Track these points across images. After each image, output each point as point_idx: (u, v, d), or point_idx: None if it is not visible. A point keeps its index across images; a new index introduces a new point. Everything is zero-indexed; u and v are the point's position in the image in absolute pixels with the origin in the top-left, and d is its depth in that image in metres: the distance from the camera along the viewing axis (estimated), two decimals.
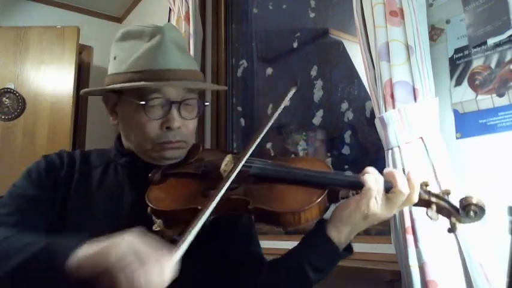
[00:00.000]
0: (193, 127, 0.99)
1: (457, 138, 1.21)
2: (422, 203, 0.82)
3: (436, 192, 0.83)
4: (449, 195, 0.82)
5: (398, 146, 1.19)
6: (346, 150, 1.79)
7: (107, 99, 1.01)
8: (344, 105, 1.83)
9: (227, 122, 2.46)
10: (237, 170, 0.79)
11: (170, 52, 0.93)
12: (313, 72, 2.01)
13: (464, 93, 1.20)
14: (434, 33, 1.30)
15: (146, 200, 0.86)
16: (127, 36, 0.98)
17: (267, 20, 2.41)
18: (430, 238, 1.09)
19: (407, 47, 1.22)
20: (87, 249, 0.67)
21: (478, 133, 1.17)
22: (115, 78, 0.95)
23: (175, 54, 0.93)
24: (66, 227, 0.92)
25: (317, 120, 1.95)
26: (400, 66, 1.21)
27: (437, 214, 0.80)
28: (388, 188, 0.79)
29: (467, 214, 0.77)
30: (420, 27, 1.24)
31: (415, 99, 1.19)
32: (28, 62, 2.98)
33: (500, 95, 1.13)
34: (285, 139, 2.16)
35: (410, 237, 1.12)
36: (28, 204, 0.91)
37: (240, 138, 2.43)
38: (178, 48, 0.95)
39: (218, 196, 0.74)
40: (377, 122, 1.27)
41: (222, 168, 0.87)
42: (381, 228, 1.52)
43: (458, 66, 1.23)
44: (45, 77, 2.96)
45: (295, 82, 0.97)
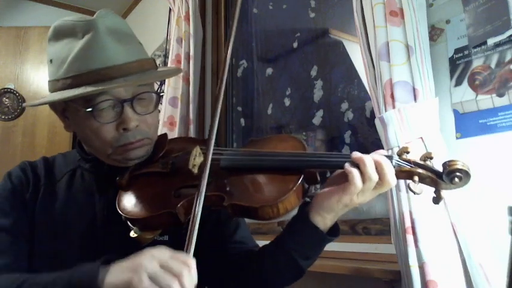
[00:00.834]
0: (153, 121, 0.92)
1: (457, 138, 1.21)
2: (404, 175, 0.76)
3: (417, 159, 0.77)
4: (431, 159, 0.77)
5: (398, 146, 1.18)
6: (346, 150, 1.79)
7: (54, 106, 0.94)
8: (344, 105, 1.83)
9: (227, 122, 2.46)
10: (207, 169, 0.74)
11: (108, 46, 0.83)
12: (313, 72, 2.01)
13: (464, 93, 1.20)
14: (434, 33, 1.30)
15: (117, 208, 0.83)
16: (59, 34, 0.88)
17: (267, 20, 2.41)
18: (430, 238, 1.09)
19: (407, 47, 1.22)
20: (112, 276, 0.66)
21: (478, 133, 1.17)
22: (55, 84, 0.88)
23: (114, 46, 0.84)
24: (38, 245, 0.90)
25: (317, 120, 1.95)
26: (400, 66, 1.21)
27: (420, 186, 0.74)
28: None
29: (451, 180, 0.72)
30: (420, 27, 1.24)
31: (415, 99, 1.19)
32: (28, 62, 2.98)
33: (500, 95, 1.13)
34: None
35: (410, 237, 1.12)
36: (6, 235, 0.88)
37: (240, 138, 2.43)
38: (116, 38, 0.85)
39: (199, 203, 0.71)
40: (377, 122, 1.27)
41: (191, 163, 0.81)
42: (381, 228, 1.52)
43: (458, 66, 1.23)
44: (45, 77, 2.95)
45: None
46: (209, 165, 0.74)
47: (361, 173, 0.74)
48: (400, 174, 0.76)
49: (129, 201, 0.85)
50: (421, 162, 0.77)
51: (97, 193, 0.94)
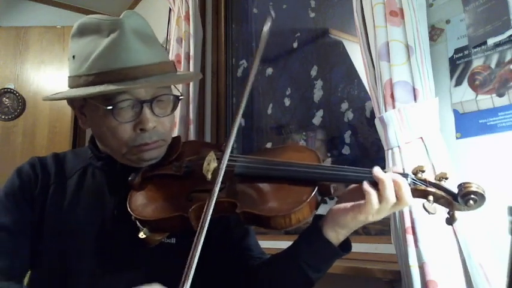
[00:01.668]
0: (169, 123, 0.92)
1: (457, 138, 1.21)
2: (419, 194, 0.76)
3: (433, 179, 0.77)
4: (446, 179, 0.77)
5: (398, 146, 1.19)
6: (346, 150, 1.79)
7: (72, 102, 0.94)
8: (344, 105, 1.82)
9: (227, 122, 2.46)
10: (221, 176, 0.74)
11: (132, 46, 0.84)
12: (313, 72, 2.01)
13: (464, 93, 1.20)
14: (434, 33, 1.30)
15: (128, 208, 0.83)
16: (84, 30, 0.89)
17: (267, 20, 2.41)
18: (430, 238, 1.09)
19: (407, 47, 1.22)
20: None
21: (478, 133, 1.17)
22: (76, 80, 0.88)
23: (138, 47, 0.85)
24: (45, 242, 0.90)
25: (317, 120, 1.95)
26: (400, 66, 1.21)
27: (434, 206, 0.74)
28: None
29: (466, 203, 0.72)
30: (420, 27, 1.24)
31: (415, 99, 1.19)
32: (28, 62, 2.98)
33: (500, 95, 1.13)
34: (285, 139, 2.15)
35: (410, 237, 1.12)
36: (8, 235, 0.88)
37: (240, 138, 2.43)
38: (141, 39, 0.86)
39: (210, 209, 0.70)
40: (377, 122, 1.27)
41: (205, 168, 0.81)
42: (381, 228, 1.52)
43: (458, 66, 1.23)
44: (45, 77, 2.96)
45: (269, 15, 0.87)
46: (224, 170, 0.74)
47: (378, 194, 0.74)
48: (415, 193, 0.76)
49: (141, 202, 0.84)
50: (437, 182, 0.77)
51: (108, 192, 0.94)
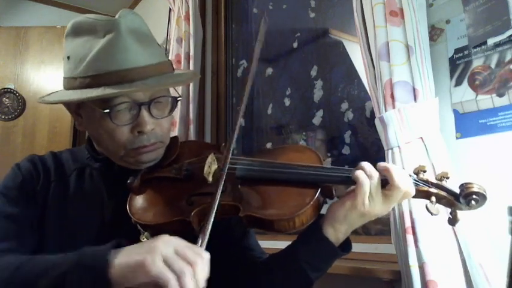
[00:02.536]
0: (167, 125, 0.91)
1: (457, 138, 1.21)
2: (421, 195, 0.77)
3: (434, 180, 0.78)
4: (447, 179, 0.78)
5: (398, 146, 1.19)
6: (346, 150, 1.79)
7: (68, 103, 0.92)
8: (344, 105, 1.82)
9: (227, 122, 2.46)
10: (223, 180, 0.74)
11: (129, 47, 0.82)
12: (313, 72, 2.01)
13: (464, 93, 1.20)
14: (434, 33, 1.30)
15: (128, 212, 0.82)
16: (79, 30, 0.86)
17: (267, 20, 2.41)
18: (430, 238, 1.09)
19: (407, 47, 1.22)
20: (124, 256, 0.66)
21: (478, 133, 1.17)
22: (71, 82, 0.86)
23: (135, 48, 0.83)
24: (46, 241, 0.89)
25: (317, 120, 1.95)
26: (400, 66, 1.21)
27: (437, 207, 0.75)
28: (384, 184, 0.76)
29: (468, 203, 0.73)
30: (420, 27, 1.24)
31: (415, 99, 1.19)
32: (28, 62, 2.98)
33: (500, 95, 1.13)
34: (285, 139, 2.15)
35: (410, 237, 1.12)
36: (13, 223, 0.87)
37: (240, 138, 2.43)
38: (137, 39, 0.84)
39: (213, 213, 0.70)
40: (377, 122, 1.27)
41: (206, 170, 0.80)
42: (381, 228, 1.52)
43: (458, 66, 1.23)
44: (45, 77, 2.96)
45: (263, 17, 0.86)
46: (225, 174, 0.74)
47: (364, 172, 0.75)
48: (418, 193, 0.76)
49: (141, 205, 0.84)
50: (438, 182, 0.77)
51: (106, 195, 0.93)
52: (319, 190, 0.77)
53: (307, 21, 2.10)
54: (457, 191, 0.75)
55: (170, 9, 2.58)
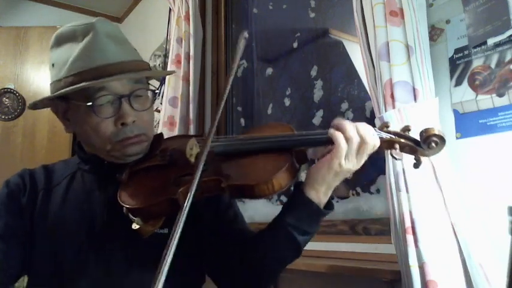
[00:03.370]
0: (149, 118, 0.96)
1: (457, 138, 1.21)
2: (385, 145, 0.83)
3: (396, 130, 0.84)
4: (409, 131, 0.84)
5: None
6: None
7: (56, 108, 0.98)
8: (344, 105, 1.83)
9: (227, 122, 2.46)
10: (205, 153, 0.77)
11: (106, 46, 0.89)
12: (313, 72, 2.01)
13: (464, 93, 1.20)
14: (434, 33, 1.30)
15: (119, 201, 0.85)
16: (60, 40, 0.94)
17: (267, 20, 2.41)
18: (430, 238, 1.09)
19: (407, 47, 1.22)
20: None
21: (478, 133, 1.17)
22: (57, 85, 0.92)
23: (112, 47, 0.90)
24: (39, 247, 0.92)
25: (317, 120, 1.95)
26: (400, 66, 1.21)
27: (401, 153, 0.82)
28: None
29: (428, 146, 0.80)
30: (420, 27, 1.24)
31: (415, 99, 1.19)
32: (28, 62, 2.98)
33: (500, 95, 1.13)
34: None
35: (410, 237, 1.12)
36: (2, 239, 0.90)
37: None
38: (115, 41, 0.91)
39: (195, 181, 0.72)
40: (377, 122, 1.27)
41: (188, 153, 0.85)
42: (381, 228, 1.52)
43: (458, 66, 1.23)
44: (45, 77, 2.96)
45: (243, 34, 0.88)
46: (208, 150, 0.77)
47: (344, 136, 0.80)
48: (382, 143, 0.83)
49: (130, 193, 0.87)
50: (400, 132, 0.84)
51: (97, 191, 0.96)
52: (293, 153, 0.83)
53: (307, 21, 2.09)
54: (418, 138, 0.82)
55: (170, 9, 2.57)
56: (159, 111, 2.39)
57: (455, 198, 1.10)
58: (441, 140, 0.80)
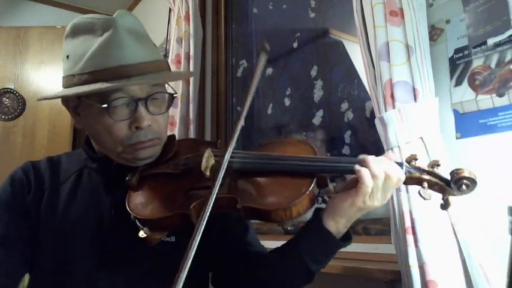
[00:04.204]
0: (164, 122, 0.92)
1: (457, 138, 1.21)
2: (413, 181, 0.80)
3: (426, 167, 0.81)
4: (438, 166, 0.80)
5: (398, 146, 1.19)
6: (346, 150, 1.79)
7: (66, 102, 0.93)
8: (344, 105, 1.82)
9: (227, 122, 2.46)
10: (223, 171, 0.74)
11: (126, 45, 0.84)
12: (313, 72, 2.01)
13: (464, 93, 1.20)
14: (434, 33, 1.30)
15: (127, 208, 0.83)
16: (77, 30, 0.88)
17: (267, 20, 2.41)
18: (430, 238, 1.09)
19: (407, 47, 1.22)
20: None
21: (478, 133, 1.17)
22: (70, 80, 0.87)
23: (132, 46, 0.84)
24: (43, 246, 0.90)
25: (317, 120, 1.95)
26: (400, 66, 1.21)
27: (429, 192, 0.78)
28: None
29: (459, 188, 0.76)
30: (420, 27, 1.24)
31: (415, 99, 1.19)
32: (28, 62, 2.98)
33: (500, 95, 1.13)
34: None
35: (410, 237, 1.12)
36: (3, 244, 0.88)
37: (240, 138, 2.43)
38: (135, 38, 0.86)
39: (211, 203, 0.70)
40: (377, 122, 1.27)
41: (203, 165, 0.81)
42: (381, 228, 1.52)
43: (458, 66, 1.23)
44: (45, 77, 2.96)
45: (263, 47, 0.86)
46: (225, 167, 0.75)
47: (370, 172, 0.76)
48: (410, 180, 0.79)
49: (140, 201, 0.84)
50: (430, 169, 0.80)
51: (104, 192, 0.94)
52: (314, 180, 0.78)
53: (307, 21, 2.09)
54: (448, 178, 0.78)
55: (170, 9, 2.57)
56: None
57: (455, 198, 1.09)
58: (472, 183, 0.76)
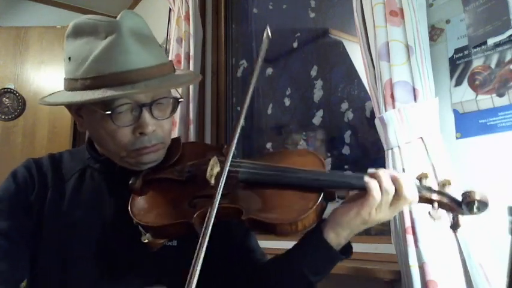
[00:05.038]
0: (168, 126, 0.91)
1: (457, 138, 1.21)
2: (424, 201, 0.78)
3: (437, 187, 0.79)
4: (449, 186, 0.79)
5: (398, 146, 1.19)
6: (346, 150, 1.79)
7: (69, 105, 0.90)
8: (344, 105, 1.82)
9: (227, 122, 2.46)
10: (223, 179, 0.73)
11: (131, 49, 0.81)
12: (313, 72, 2.01)
13: (464, 93, 1.20)
14: (434, 33, 1.30)
15: (130, 213, 0.82)
16: (80, 31, 0.86)
17: (267, 20, 2.41)
18: (430, 238, 1.09)
19: (407, 47, 1.22)
20: None
21: (478, 133, 1.17)
22: (73, 83, 0.85)
23: (137, 50, 0.82)
24: (46, 246, 0.89)
25: (317, 120, 1.95)
26: (400, 66, 1.21)
27: (439, 213, 0.76)
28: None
29: (470, 210, 0.74)
30: (420, 27, 1.24)
31: (415, 99, 1.19)
32: (28, 62, 2.98)
33: (500, 95, 1.13)
34: (285, 139, 2.16)
35: (410, 237, 1.12)
36: (4, 240, 0.86)
37: (241, 138, 2.43)
38: (139, 41, 0.83)
39: (213, 213, 0.69)
40: (377, 122, 1.27)
41: (208, 173, 0.80)
42: (381, 228, 1.52)
43: (458, 66, 1.23)
44: (45, 77, 2.96)
45: (266, 34, 0.84)
46: (225, 176, 0.73)
47: (379, 185, 0.75)
48: (421, 200, 0.77)
49: (142, 206, 0.83)
50: (442, 190, 0.78)
51: (107, 195, 0.93)
52: (322, 195, 0.76)
53: (307, 21, 2.10)
54: (459, 199, 0.76)
55: (170, 9, 2.57)
56: None
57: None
58: (484, 205, 0.74)
